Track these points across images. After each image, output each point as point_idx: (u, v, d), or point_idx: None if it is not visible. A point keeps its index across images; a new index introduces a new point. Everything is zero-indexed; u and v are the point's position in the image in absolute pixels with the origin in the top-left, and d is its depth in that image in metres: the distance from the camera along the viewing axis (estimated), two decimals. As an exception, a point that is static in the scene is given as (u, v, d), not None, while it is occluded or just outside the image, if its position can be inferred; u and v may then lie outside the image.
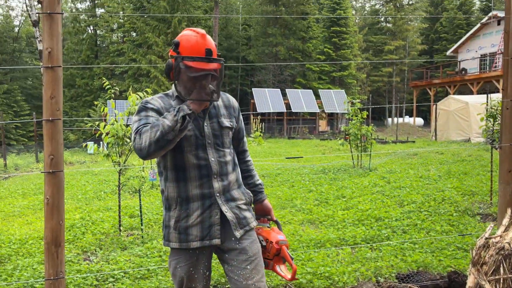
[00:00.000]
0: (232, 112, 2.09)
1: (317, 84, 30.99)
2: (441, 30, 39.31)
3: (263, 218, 2.20)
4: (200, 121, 1.95)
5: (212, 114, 2.00)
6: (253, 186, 2.20)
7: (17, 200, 7.83)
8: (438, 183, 7.14)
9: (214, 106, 2.02)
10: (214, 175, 1.94)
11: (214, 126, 1.98)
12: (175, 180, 1.94)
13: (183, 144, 1.90)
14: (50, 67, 2.40)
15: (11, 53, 32.50)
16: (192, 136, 1.91)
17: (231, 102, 2.12)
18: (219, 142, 1.98)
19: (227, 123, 2.02)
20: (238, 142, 2.18)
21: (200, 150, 1.93)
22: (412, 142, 17.20)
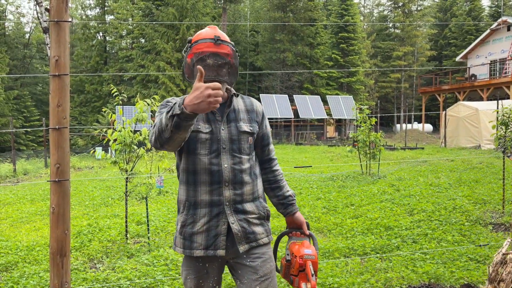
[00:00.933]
0: (254, 117, 1.97)
1: (325, 90, 30.92)
2: (450, 36, 39.09)
3: (296, 231, 2.04)
4: (217, 124, 1.86)
5: (231, 118, 1.91)
6: (282, 199, 2.03)
7: (25, 206, 7.85)
8: (448, 191, 7.03)
9: (234, 109, 1.92)
10: (226, 182, 1.83)
11: (232, 131, 1.88)
12: (186, 182, 1.88)
13: (197, 146, 1.83)
14: (57, 75, 2.38)
15: (21, 59, 32.88)
16: (208, 140, 1.84)
17: (254, 107, 2.00)
18: (235, 148, 1.87)
19: (247, 128, 1.91)
20: (263, 149, 2.03)
21: (214, 154, 1.84)
22: (421, 149, 17.03)
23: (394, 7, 38.51)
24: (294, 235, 2.02)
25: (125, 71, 29.16)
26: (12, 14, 35.56)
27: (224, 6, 31.48)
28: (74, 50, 33.80)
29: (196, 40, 1.83)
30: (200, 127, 1.83)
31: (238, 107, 1.94)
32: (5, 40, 31.25)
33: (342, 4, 33.60)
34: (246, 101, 2.01)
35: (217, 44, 1.78)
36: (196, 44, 1.81)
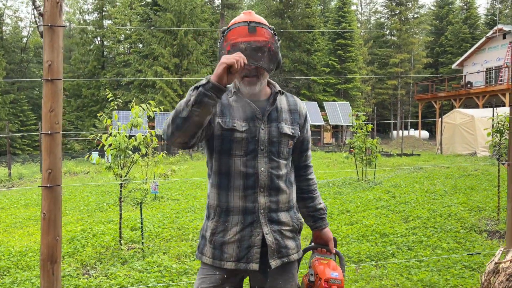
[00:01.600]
0: (297, 119, 1.81)
1: (322, 96, 31.01)
2: (446, 44, 39.35)
3: (322, 248, 1.86)
4: (257, 123, 1.70)
5: (272, 117, 1.74)
6: (314, 211, 1.86)
7: (19, 211, 7.80)
8: (444, 198, 7.04)
9: (277, 108, 1.76)
10: (261, 188, 1.67)
11: (272, 131, 1.71)
12: (218, 186, 1.71)
13: (232, 146, 1.67)
14: (50, 80, 2.37)
15: (19, 63, 32.85)
16: (244, 139, 1.68)
17: (298, 107, 1.83)
18: (274, 151, 1.71)
19: (288, 130, 1.75)
20: (300, 154, 1.86)
21: (250, 156, 1.68)
22: (418, 156, 17.06)
23: (391, 14, 38.76)
24: (319, 251, 1.86)
25: (123, 75, 29.16)
26: (10, 18, 35.55)
27: (222, 12, 31.61)
28: (71, 55, 33.80)
29: (229, 26, 1.69)
30: (236, 125, 1.68)
31: (281, 106, 1.78)
32: (2, 44, 31.21)
33: (340, 11, 33.80)
34: (290, 100, 1.84)
35: (251, 32, 1.63)
36: (229, 31, 1.68)
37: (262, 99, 1.75)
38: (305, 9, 31.99)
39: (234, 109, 1.70)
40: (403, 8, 37.25)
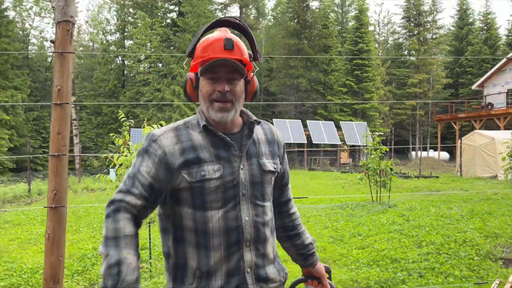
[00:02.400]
0: (276, 150, 1.56)
1: (338, 116, 30.93)
2: (466, 64, 38.96)
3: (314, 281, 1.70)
4: (234, 162, 1.41)
5: (251, 152, 1.46)
6: (302, 248, 1.65)
7: (34, 227, 7.93)
8: (460, 223, 6.86)
9: (254, 141, 1.49)
10: (247, 242, 1.40)
11: (254, 170, 1.45)
12: (196, 245, 1.39)
13: (205, 199, 1.37)
14: (58, 104, 2.46)
15: (43, 81, 33.85)
16: (220, 187, 1.38)
17: (275, 136, 1.59)
18: (258, 194, 1.45)
19: (270, 166, 1.50)
20: (281, 190, 1.63)
21: (230, 206, 1.39)
22: (436, 178, 16.75)
23: (409, 35, 38.70)
24: (310, 283, 1.69)
25: (142, 94, 29.74)
26: (36, 38, 36.89)
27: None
28: (93, 74, 34.72)
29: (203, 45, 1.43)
30: (207, 173, 1.37)
31: (257, 137, 1.52)
32: (28, 63, 32.31)
33: (357, 32, 33.93)
34: (265, 128, 1.59)
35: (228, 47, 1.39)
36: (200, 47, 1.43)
37: (235, 131, 1.48)
38: (322, 30, 32.27)
39: (203, 149, 1.40)
40: (422, 28, 37.18)
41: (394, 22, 50.82)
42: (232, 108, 1.42)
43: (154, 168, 1.37)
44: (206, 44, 1.41)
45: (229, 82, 1.40)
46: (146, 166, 1.37)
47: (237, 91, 1.42)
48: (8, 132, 25.13)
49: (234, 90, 1.41)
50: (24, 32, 34.59)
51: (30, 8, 33.32)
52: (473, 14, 42.96)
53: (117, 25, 35.30)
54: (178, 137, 1.41)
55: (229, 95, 1.40)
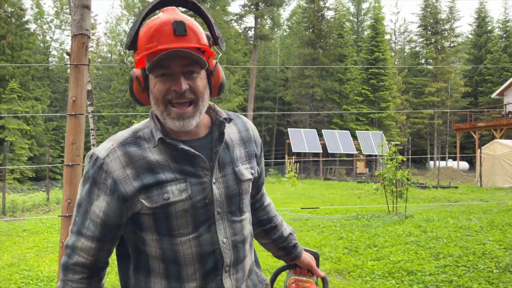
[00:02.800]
0: (252, 150, 1.30)
1: (354, 125, 30.74)
2: (486, 72, 38.36)
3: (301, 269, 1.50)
4: (204, 177, 1.15)
5: (224, 161, 1.20)
6: (282, 241, 1.46)
7: (52, 236, 8.05)
8: (479, 235, 6.70)
9: (227, 144, 1.22)
10: (226, 267, 1.19)
11: (229, 181, 1.20)
12: (165, 276, 1.16)
13: (171, 225, 1.13)
14: (73, 115, 2.50)
15: (62, 92, 34.60)
16: (189, 210, 1.13)
17: (250, 132, 1.33)
18: (235, 209, 1.21)
19: (247, 173, 1.25)
20: (257, 191, 1.42)
21: (203, 229, 1.15)
22: (455, 188, 16.43)
23: (426, 43, 38.36)
24: (297, 271, 1.49)
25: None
26: (56, 50, 37.82)
27: (255, 43, 32.32)
28: (111, 84, 35.36)
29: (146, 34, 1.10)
30: (170, 194, 1.11)
31: (230, 138, 1.25)
32: (48, 74, 33.10)
33: (373, 41, 33.81)
34: (238, 124, 1.31)
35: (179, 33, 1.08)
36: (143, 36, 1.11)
37: (202, 135, 1.20)
38: (337, 39, 32.25)
39: (162, 168, 1.13)
40: (439, 37, 36.82)
41: (411, 31, 50.45)
42: (195, 112, 1.13)
43: (106, 201, 1.12)
44: (151, 32, 1.09)
45: (187, 77, 1.11)
46: (97, 199, 1.12)
47: (198, 87, 1.12)
48: (28, 142, 25.71)
49: (194, 86, 1.11)
50: (45, 44, 35.51)
51: (51, 21, 34.24)
52: (491, 22, 42.44)
53: (135, 37, 35.95)
54: (127, 157, 1.13)
55: (188, 94, 1.11)
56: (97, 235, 1.13)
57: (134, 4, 38.72)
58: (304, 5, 34.02)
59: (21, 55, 26.53)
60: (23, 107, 25.56)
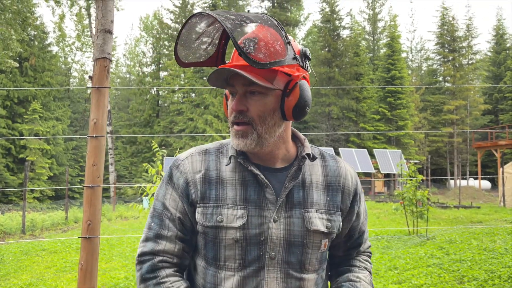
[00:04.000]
0: (337, 200, 1.14)
1: (372, 144, 30.44)
2: (506, 90, 37.76)
3: None
4: (265, 211, 1.06)
5: (294, 200, 1.08)
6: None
7: (70, 255, 8.09)
8: (504, 257, 6.47)
9: (303, 182, 1.11)
10: None
11: (293, 226, 1.07)
12: None
13: (218, 253, 1.06)
14: (94, 137, 2.53)
15: (82, 112, 35.32)
16: (240, 242, 1.05)
17: (341, 179, 1.16)
18: (294, 261, 1.07)
19: (321, 224, 1.09)
20: (348, 252, 1.24)
21: (251, 270, 1.05)
22: (477, 208, 16.00)
23: (443, 61, 38.07)
24: None
25: (175, 123, 30.47)
26: (77, 71, 38.82)
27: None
28: (129, 104, 35.98)
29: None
30: (224, 217, 1.05)
31: (311, 179, 1.12)
32: (69, 95, 33.91)
33: (389, 59, 33.74)
34: (329, 166, 1.17)
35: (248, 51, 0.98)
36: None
37: (278, 166, 1.11)
38: (353, 58, 32.28)
39: (227, 185, 1.08)
40: (457, 54, 36.53)
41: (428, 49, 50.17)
42: (252, 133, 1.05)
43: (180, 200, 1.10)
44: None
45: (249, 97, 1.05)
46: (172, 200, 1.10)
47: (259, 110, 1.04)
48: (48, 161, 26.19)
49: (254, 108, 1.04)
50: (66, 66, 36.51)
51: (72, 43, 35.24)
52: (510, 39, 41.93)
53: (153, 57, 36.68)
54: (205, 163, 1.11)
55: (244, 116, 1.05)
56: (179, 235, 1.09)
57: (152, 26, 39.66)
58: (320, 25, 34.28)
59: (43, 77, 27.31)
60: (44, 127, 26.15)
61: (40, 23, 28.44)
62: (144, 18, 42.08)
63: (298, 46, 1.08)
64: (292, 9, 34.64)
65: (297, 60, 1.04)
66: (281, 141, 1.10)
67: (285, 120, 1.08)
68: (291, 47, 1.02)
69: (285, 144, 1.12)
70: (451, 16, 37.41)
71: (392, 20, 37.54)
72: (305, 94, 1.06)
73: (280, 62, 0.98)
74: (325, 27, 33.23)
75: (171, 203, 1.11)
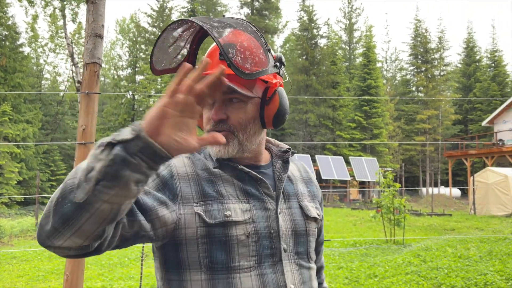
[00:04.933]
0: (315, 192, 1.20)
1: (347, 151, 30.86)
2: (475, 101, 39.12)
3: None
4: (268, 203, 1.04)
5: (289, 192, 1.10)
6: None
7: (42, 263, 7.81)
8: (479, 265, 6.64)
9: (290, 177, 1.13)
10: None
11: (295, 216, 1.08)
12: None
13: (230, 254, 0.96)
14: (83, 143, 2.45)
15: (54, 115, 34.42)
16: (252, 236, 0.98)
17: (310, 174, 1.24)
18: (302, 250, 1.07)
19: (314, 211, 1.13)
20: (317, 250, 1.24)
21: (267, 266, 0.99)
22: (449, 216, 16.42)
23: (416, 71, 39.12)
24: None
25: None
26: (49, 73, 37.85)
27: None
28: (104, 108, 35.30)
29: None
30: (232, 212, 0.98)
31: (292, 174, 1.17)
32: (40, 97, 32.97)
33: (365, 68, 34.39)
34: (297, 164, 1.24)
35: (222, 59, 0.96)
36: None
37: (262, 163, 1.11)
38: (330, 66, 32.75)
39: (224, 182, 1.02)
40: (429, 65, 37.61)
41: (402, 59, 51.50)
42: (232, 140, 1.01)
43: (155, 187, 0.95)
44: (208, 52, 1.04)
45: (228, 105, 1.01)
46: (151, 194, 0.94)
47: (236, 118, 1.00)
48: (18, 165, 25.32)
49: (234, 116, 1.00)
50: (38, 67, 35.54)
51: (45, 45, 34.37)
52: (480, 52, 43.52)
53: (129, 61, 36.18)
54: (193, 162, 1.04)
55: (224, 125, 1.00)
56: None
57: (129, 29, 39.17)
58: (298, 33, 34.67)
59: (14, 78, 26.47)
60: (14, 130, 25.31)
61: (12, 23, 27.62)
62: (121, 21, 41.55)
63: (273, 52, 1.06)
64: (270, 16, 34.92)
65: (276, 67, 1.03)
66: (261, 146, 1.10)
67: (264, 128, 1.08)
68: (271, 55, 1.01)
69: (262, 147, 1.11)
70: (424, 29, 38.57)
71: (368, 31, 38.35)
72: (284, 101, 1.06)
73: (264, 71, 0.96)
74: (303, 35, 33.62)
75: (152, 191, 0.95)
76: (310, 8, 33.94)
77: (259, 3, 33.95)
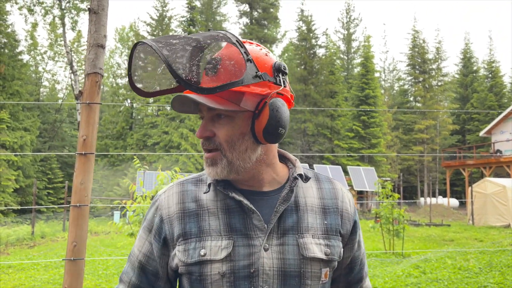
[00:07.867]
0: (336, 224, 1.04)
1: (345, 161, 30.87)
2: (473, 111, 39.30)
3: None
4: (254, 239, 0.96)
5: (287, 225, 0.98)
6: None
7: (39, 273, 7.73)
8: (479, 277, 6.60)
9: (297, 205, 1.01)
10: None
11: (287, 254, 0.96)
12: None
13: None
14: (83, 154, 2.43)
15: (52, 123, 34.37)
16: (227, 274, 0.94)
17: (338, 202, 1.07)
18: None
19: (318, 250, 0.98)
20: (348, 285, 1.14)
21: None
22: (448, 226, 16.38)
23: (414, 82, 39.30)
24: None
25: (149, 136, 30.03)
26: (48, 81, 37.87)
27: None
28: (102, 116, 35.30)
29: None
30: (208, 250, 0.95)
31: (305, 201, 1.03)
32: (39, 105, 32.93)
33: (363, 78, 34.54)
34: (324, 189, 1.07)
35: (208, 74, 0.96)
36: None
37: (266, 189, 1.02)
38: (329, 76, 32.87)
39: (209, 215, 0.98)
40: (427, 76, 37.81)
41: (399, 69, 51.77)
42: (220, 160, 0.96)
43: (148, 241, 1.03)
44: None
45: (215, 121, 0.97)
46: (140, 239, 1.04)
47: (226, 135, 0.96)
48: (14, 173, 25.20)
49: (221, 133, 0.96)
50: (36, 75, 35.55)
51: (44, 53, 34.43)
52: (477, 62, 43.80)
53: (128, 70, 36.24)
54: (181, 195, 1.02)
55: (210, 142, 0.97)
56: (133, 282, 1.04)
57: (128, 38, 39.32)
58: (296, 43, 34.84)
59: (13, 85, 26.45)
60: (11, 137, 25.22)
61: (11, 31, 27.68)
62: (120, 30, 41.71)
63: (271, 61, 0.97)
64: (269, 26, 35.11)
65: (260, 78, 0.91)
66: (263, 165, 1.00)
67: (260, 144, 0.98)
68: (252, 64, 0.90)
69: (271, 167, 1.01)
70: (422, 39, 38.85)
71: (366, 41, 38.55)
72: (276, 114, 0.93)
73: (234, 83, 0.87)
74: (301, 45, 33.79)
75: (138, 243, 1.05)
76: (308, 18, 34.16)
77: (258, 13, 34.17)
